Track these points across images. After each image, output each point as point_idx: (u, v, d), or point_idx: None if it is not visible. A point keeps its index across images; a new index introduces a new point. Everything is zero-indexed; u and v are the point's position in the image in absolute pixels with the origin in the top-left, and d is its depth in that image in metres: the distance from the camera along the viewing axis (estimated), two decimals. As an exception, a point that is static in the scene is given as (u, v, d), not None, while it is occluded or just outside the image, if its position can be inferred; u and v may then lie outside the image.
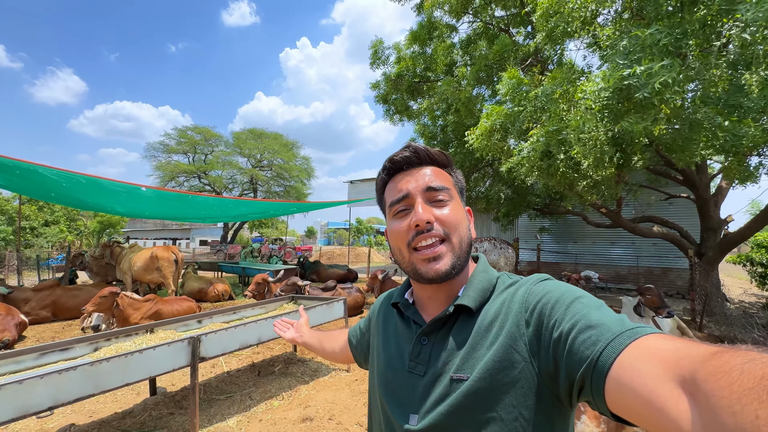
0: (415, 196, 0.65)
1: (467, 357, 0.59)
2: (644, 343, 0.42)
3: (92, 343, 3.05)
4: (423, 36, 7.87)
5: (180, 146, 26.51)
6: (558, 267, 12.02)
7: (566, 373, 0.49)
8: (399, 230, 0.66)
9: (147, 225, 54.26)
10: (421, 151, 0.68)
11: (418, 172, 0.68)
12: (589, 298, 0.54)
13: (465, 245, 0.65)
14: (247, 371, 4.06)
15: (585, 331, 0.47)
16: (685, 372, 0.35)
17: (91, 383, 2.25)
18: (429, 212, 0.63)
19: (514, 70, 4.43)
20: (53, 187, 6.58)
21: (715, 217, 7.56)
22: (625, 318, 0.48)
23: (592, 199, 5.39)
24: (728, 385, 0.30)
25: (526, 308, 0.58)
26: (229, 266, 10.80)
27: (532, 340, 0.55)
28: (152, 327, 3.46)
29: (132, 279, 7.40)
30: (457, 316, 0.64)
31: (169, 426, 2.88)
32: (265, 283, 6.41)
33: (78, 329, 6.05)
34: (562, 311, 0.52)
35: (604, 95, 2.91)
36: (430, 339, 0.64)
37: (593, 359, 0.44)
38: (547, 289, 0.58)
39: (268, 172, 28.27)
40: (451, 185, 0.69)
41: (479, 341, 0.59)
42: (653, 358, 0.39)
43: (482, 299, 0.63)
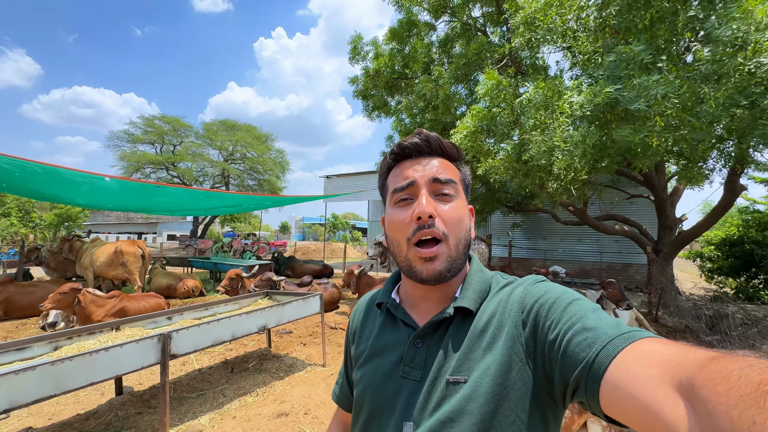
0: (421, 186, 0.63)
1: (464, 359, 0.57)
2: (641, 346, 0.42)
3: (51, 342, 2.89)
4: (402, 34, 7.89)
5: (147, 136, 25.26)
6: (528, 263, 12.47)
7: (561, 374, 0.49)
8: (400, 221, 0.63)
9: (110, 218, 51.49)
10: (433, 140, 0.66)
11: (427, 161, 0.65)
12: (585, 300, 0.54)
13: (462, 247, 0.63)
14: (219, 368, 3.98)
15: (581, 333, 0.47)
16: (682, 377, 0.35)
17: (52, 384, 2.14)
18: (432, 206, 0.61)
19: (493, 72, 4.54)
20: (4, 176, 6.13)
21: (671, 216, 8.09)
22: (621, 322, 0.48)
23: (562, 198, 5.63)
24: (726, 390, 0.29)
25: (523, 309, 0.57)
26: (200, 262, 10.46)
27: (528, 341, 0.55)
28: (118, 324, 3.31)
29: (94, 275, 7.03)
30: (453, 317, 0.62)
31: (137, 425, 2.78)
32: (239, 279, 6.28)
33: (33, 329, 5.70)
34: (558, 313, 0.52)
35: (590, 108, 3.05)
36: (425, 342, 0.62)
37: (589, 361, 0.44)
38: (544, 290, 0.58)
39: (241, 165, 27.49)
40: (458, 180, 0.67)
41: (476, 342, 0.58)
42: (650, 361, 0.39)
43: (480, 300, 0.63)
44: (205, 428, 2.83)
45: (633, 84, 2.84)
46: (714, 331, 6.20)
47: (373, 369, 0.66)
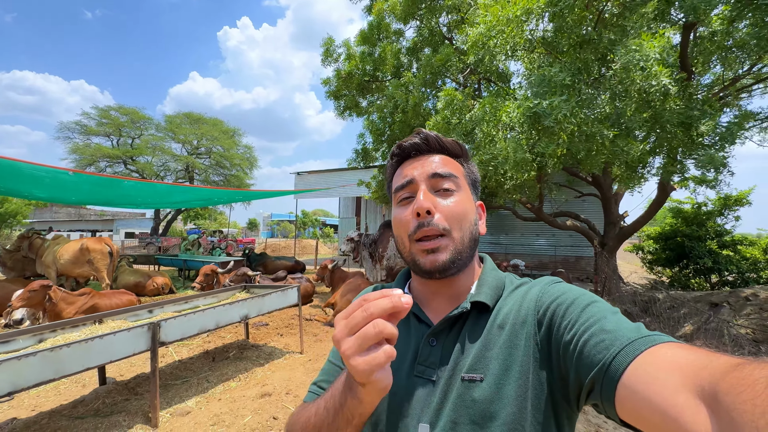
0: (419, 182, 0.63)
1: (480, 356, 0.56)
2: (661, 351, 0.41)
3: (36, 335, 2.99)
4: (372, 38, 8.20)
5: (101, 128, 23.79)
6: (492, 257, 13.20)
7: (576, 375, 0.48)
8: (402, 219, 0.64)
9: (59, 215, 47.91)
10: (432, 139, 0.66)
11: (426, 159, 0.66)
12: (603, 303, 0.53)
13: (468, 240, 0.62)
14: (201, 358, 4.16)
15: (598, 335, 0.46)
16: (704, 383, 0.34)
17: (51, 369, 2.30)
18: (430, 200, 0.61)
19: (451, 89, 4.98)
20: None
21: (615, 213, 9.01)
22: (641, 326, 0.47)
23: (518, 196, 6.20)
24: (751, 398, 0.28)
25: (539, 308, 0.57)
26: (169, 259, 10.27)
27: (543, 341, 0.54)
28: (100, 317, 3.43)
29: (57, 273, 6.83)
30: (468, 315, 0.61)
31: (127, 410, 2.96)
32: (214, 274, 6.39)
33: (-6, 328, 5.51)
34: (576, 313, 0.51)
35: (521, 120, 3.55)
36: (440, 339, 0.61)
37: (605, 364, 0.43)
38: (562, 290, 0.57)
39: (206, 160, 26.62)
40: (460, 175, 0.66)
41: (492, 340, 0.57)
42: (670, 366, 0.38)
43: (496, 297, 0.62)
44: (193, 410, 3.05)
45: (545, 103, 3.37)
46: (647, 314, 7.09)
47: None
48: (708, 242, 10.17)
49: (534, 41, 3.80)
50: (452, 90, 4.95)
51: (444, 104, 4.80)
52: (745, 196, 9.99)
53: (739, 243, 10.36)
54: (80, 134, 23.74)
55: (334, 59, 8.33)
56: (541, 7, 3.44)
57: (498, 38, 3.84)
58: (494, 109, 4.22)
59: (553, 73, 3.46)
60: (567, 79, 3.37)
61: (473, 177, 0.70)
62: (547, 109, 3.35)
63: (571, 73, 3.48)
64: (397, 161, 0.70)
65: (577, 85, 3.54)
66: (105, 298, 5.51)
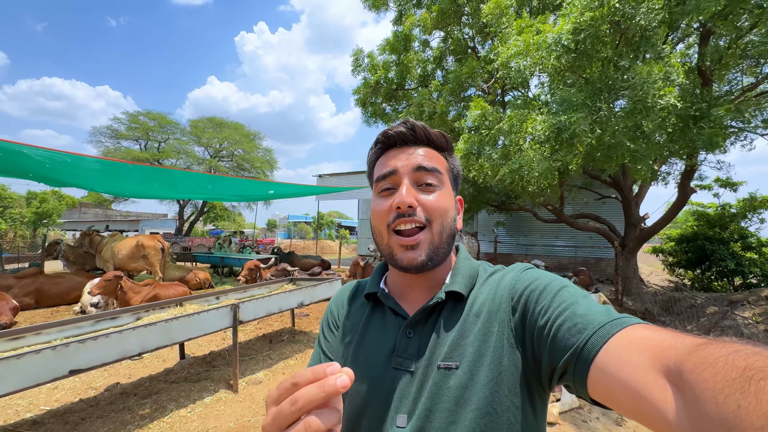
0: (402, 175, 0.62)
1: (455, 344, 0.57)
2: (631, 332, 0.42)
3: (135, 314, 3.56)
4: (399, 47, 8.68)
5: (131, 132, 25.03)
6: (511, 257, 13.51)
7: (549, 359, 0.49)
8: (380, 210, 0.63)
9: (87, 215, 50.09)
10: (419, 129, 0.65)
11: (411, 150, 0.64)
12: (575, 287, 0.54)
13: (446, 236, 0.62)
14: (259, 340, 4.69)
15: (571, 319, 0.47)
16: (670, 362, 0.35)
17: (166, 336, 2.84)
18: (413, 195, 0.60)
19: (481, 100, 5.40)
20: (35, 167, 6.55)
21: (636, 215, 9.20)
22: (611, 308, 0.48)
23: (540, 199, 6.55)
24: (712, 376, 0.30)
25: (513, 295, 0.57)
26: (206, 256, 10.98)
27: (518, 326, 0.55)
28: (181, 301, 3.99)
29: (114, 267, 7.53)
30: (444, 304, 0.62)
31: (210, 377, 3.49)
32: (257, 269, 6.94)
33: (68, 315, 6.21)
34: (549, 298, 0.52)
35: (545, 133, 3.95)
36: (417, 330, 0.61)
37: (579, 347, 0.44)
38: (534, 276, 0.58)
39: (228, 163, 27.56)
40: (444, 170, 0.66)
41: (468, 328, 0.58)
42: (640, 347, 0.39)
43: (470, 285, 0.63)
44: (263, 380, 3.56)
45: (563, 118, 3.77)
46: (668, 312, 7.30)
47: (363, 361, 0.64)
48: (732, 245, 10.16)
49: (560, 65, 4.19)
50: (482, 101, 5.36)
51: (476, 117, 5.22)
52: (771, 199, 9.96)
53: (765, 245, 10.31)
54: (110, 138, 25.03)
55: (363, 69, 8.83)
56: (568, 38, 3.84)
57: (528, 60, 4.26)
58: (521, 121, 4.62)
59: (572, 93, 3.86)
60: (586, 99, 3.76)
61: (455, 171, 0.70)
62: (566, 124, 3.75)
63: (590, 93, 3.87)
64: (380, 148, 0.68)
65: (597, 104, 3.93)
66: (164, 289, 6.13)
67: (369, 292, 0.70)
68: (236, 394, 3.26)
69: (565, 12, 4.10)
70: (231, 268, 11.32)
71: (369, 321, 0.68)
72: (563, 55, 3.93)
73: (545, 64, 4.13)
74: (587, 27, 3.91)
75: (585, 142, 3.71)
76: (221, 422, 2.78)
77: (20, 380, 2.09)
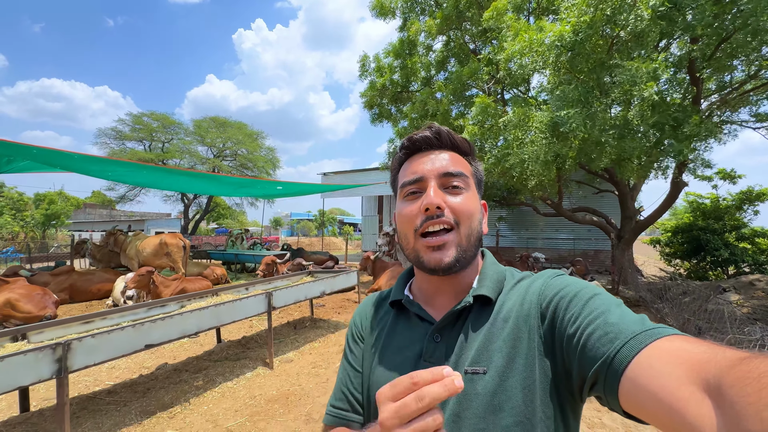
0: (429, 179, 0.62)
1: (483, 349, 0.56)
2: (665, 344, 0.41)
3: (179, 302, 4.02)
4: (403, 52, 9.09)
5: (135, 133, 25.43)
6: (513, 251, 13.95)
7: (579, 368, 0.48)
8: (408, 213, 0.63)
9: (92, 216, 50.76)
10: (444, 134, 0.65)
11: (436, 155, 0.65)
12: (607, 295, 0.53)
13: (474, 239, 0.62)
14: (284, 327, 5.16)
15: (602, 327, 0.46)
16: (709, 376, 0.34)
17: (216, 319, 3.31)
18: (441, 197, 0.60)
19: (483, 97, 5.82)
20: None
21: (631, 208, 9.61)
22: (645, 318, 0.47)
23: (540, 193, 6.98)
24: (757, 391, 0.28)
25: (542, 301, 0.57)
26: (220, 253, 11.47)
27: (547, 334, 0.54)
28: (216, 291, 4.45)
29: (139, 264, 8.00)
30: (470, 309, 0.61)
31: (248, 357, 3.96)
32: (274, 264, 7.41)
33: (101, 308, 6.70)
34: (579, 306, 0.51)
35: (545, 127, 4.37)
36: (444, 335, 0.61)
37: (609, 356, 0.43)
38: (565, 283, 0.57)
39: (231, 162, 27.95)
40: (469, 174, 0.66)
41: (496, 333, 0.57)
42: (675, 359, 0.38)
43: (498, 290, 0.62)
44: (293, 359, 4.03)
45: (563, 113, 4.21)
46: (661, 300, 7.73)
47: (390, 368, 0.63)
48: (726, 235, 10.54)
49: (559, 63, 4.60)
50: (485, 98, 5.78)
51: (478, 110, 5.65)
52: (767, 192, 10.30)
53: (758, 236, 10.68)
54: (115, 139, 25.44)
55: (369, 73, 9.24)
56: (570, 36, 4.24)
57: (529, 57, 4.68)
58: (525, 117, 5.04)
59: (569, 90, 4.30)
60: (580, 96, 4.19)
61: (479, 176, 0.70)
62: (564, 118, 4.18)
63: (585, 90, 4.29)
64: (405, 154, 0.68)
65: (590, 100, 4.35)
66: (190, 283, 6.60)
67: (394, 299, 0.70)
68: (272, 371, 3.73)
69: (562, 16, 4.51)
70: (243, 264, 11.80)
71: (394, 328, 0.68)
72: (562, 54, 4.33)
73: (546, 62, 4.55)
74: (584, 29, 4.31)
75: (579, 136, 4.14)
76: (264, 391, 3.25)
77: (110, 352, 2.56)
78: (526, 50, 4.85)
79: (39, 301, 5.65)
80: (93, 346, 2.45)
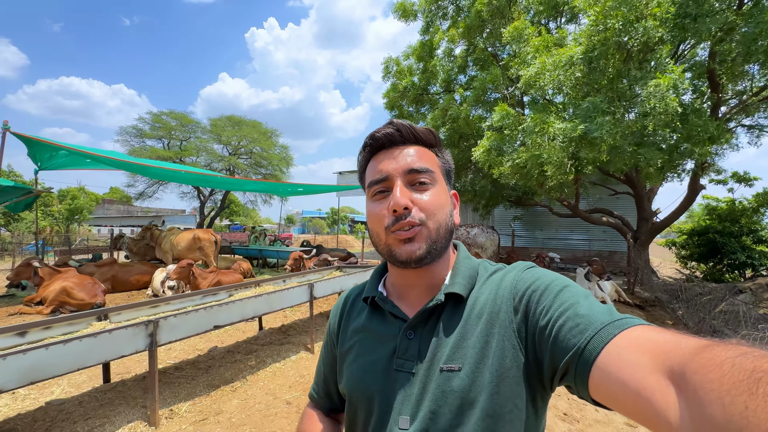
0: (395, 178, 0.62)
1: (457, 346, 0.57)
2: (633, 333, 0.42)
3: (228, 291, 4.41)
4: (425, 55, 9.38)
5: (154, 131, 26.21)
6: (527, 251, 14.12)
7: (550, 359, 0.50)
8: (377, 213, 0.63)
9: (110, 212, 52.31)
10: (405, 129, 0.65)
11: (400, 151, 0.64)
12: (576, 287, 0.55)
13: (443, 231, 0.62)
14: (317, 317, 5.52)
15: (573, 319, 0.48)
16: (674, 364, 0.35)
17: (267, 306, 3.68)
18: (407, 196, 0.61)
19: (504, 105, 6.10)
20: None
21: (648, 210, 9.75)
22: (613, 308, 0.49)
23: (557, 194, 7.22)
24: (718, 377, 0.29)
25: (515, 295, 0.58)
26: (244, 249, 11.94)
27: (520, 326, 0.55)
28: (258, 282, 4.83)
29: (173, 257, 8.48)
30: (444, 305, 0.62)
31: (290, 342, 4.33)
32: (301, 259, 7.79)
33: (142, 297, 7.18)
34: (551, 298, 0.53)
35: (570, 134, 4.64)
36: (417, 332, 0.62)
37: (580, 347, 0.45)
38: (536, 276, 0.59)
39: (246, 160, 28.52)
40: (436, 167, 0.66)
41: (469, 330, 0.58)
42: (642, 349, 0.39)
43: (470, 286, 0.63)
44: (331, 346, 4.39)
45: (595, 122, 4.45)
46: (677, 300, 7.89)
47: (365, 365, 0.65)
48: (743, 238, 10.56)
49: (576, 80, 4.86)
50: (505, 106, 6.07)
51: (499, 117, 5.94)
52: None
53: (775, 239, 10.67)
54: (135, 137, 26.27)
55: (393, 75, 9.57)
56: (579, 57, 4.50)
57: (547, 77, 4.96)
58: (543, 123, 5.31)
59: (598, 101, 4.55)
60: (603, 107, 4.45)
61: (447, 166, 0.70)
62: (594, 126, 4.45)
63: (609, 100, 4.54)
64: (369, 152, 0.68)
65: (615, 109, 4.60)
66: (225, 276, 7.03)
67: (367, 296, 0.71)
68: (313, 354, 4.08)
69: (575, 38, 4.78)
70: (265, 260, 12.26)
71: (369, 324, 0.69)
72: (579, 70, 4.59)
73: (563, 80, 4.82)
74: (599, 47, 4.56)
75: (608, 141, 4.42)
76: (311, 371, 3.60)
77: (187, 330, 2.94)
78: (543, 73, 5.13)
79: (90, 290, 6.13)
80: (175, 325, 2.83)
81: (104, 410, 2.82)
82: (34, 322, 2.73)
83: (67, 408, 2.86)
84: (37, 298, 6.08)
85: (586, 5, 4.69)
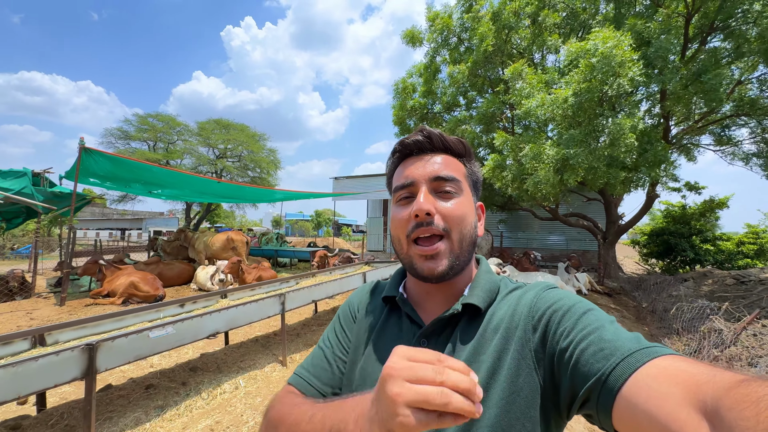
0: (420, 184, 0.63)
1: (471, 360, 0.57)
2: (663, 362, 0.41)
3: (283, 282, 5.55)
4: (428, 77, 10.76)
5: (140, 134, 26.18)
6: (511, 250, 15.77)
7: (570, 384, 0.48)
8: (399, 219, 0.64)
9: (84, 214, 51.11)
10: (435, 137, 0.65)
11: (428, 158, 0.65)
12: (600, 311, 0.53)
13: (467, 244, 0.63)
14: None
15: (597, 344, 0.46)
16: (707, 398, 0.34)
17: (323, 293, 4.85)
18: (431, 203, 0.61)
19: (502, 132, 7.56)
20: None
21: (615, 214, 11.49)
22: (640, 336, 0.46)
23: (544, 203, 8.74)
24: (755, 415, 0.28)
25: (534, 314, 0.57)
26: (259, 250, 12.94)
27: (537, 347, 0.54)
28: (314, 273, 6.01)
29: (206, 257, 9.46)
30: (460, 317, 0.62)
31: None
32: (326, 257, 8.98)
33: (189, 292, 8.16)
34: (572, 321, 0.51)
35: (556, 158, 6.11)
36: (431, 341, 0.62)
37: (605, 373, 0.43)
38: (558, 296, 0.57)
39: (235, 163, 28.86)
40: (462, 177, 0.66)
41: (485, 344, 0.58)
42: (673, 379, 0.38)
43: (489, 300, 0.63)
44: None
45: (573, 151, 5.96)
46: (638, 289, 9.57)
47: (378, 361, 0.64)
48: (693, 238, 12.46)
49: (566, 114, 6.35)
50: (503, 133, 7.53)
51: (500, 142, 7.40)
52: (726, 201, 12.28)
53: (719, 239, 12.61)
54: (120, 139, 26.27)
55: (399, 93, 10.92)
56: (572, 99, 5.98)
57: (541, 111, 6.45)
58: (538, 152, 6.77)
59: (575, 134, 6.07)
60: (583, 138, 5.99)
61: (475, 177, 0.70)
62: (572, 155, 5.94)
63: (585, 133, 6.07)
64: (398, 158, 0.69)
65: (588, 141, 6.11)
66: (264, 272, 8.14)
67: (387, 295, 0.71)
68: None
69: (567, 81, 6.28)
70: (276, 260, 13.30)
71: (385, 323, 0.69)
72: (569, 108, 6.06)
73: (555, 113, 6.30)
74: (583, 92, 6.06)
75: (583, 167, 5.87)
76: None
77: (253, 316, 3.71)
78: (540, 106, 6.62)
79: (152, 284, 7.12)
80: (246, 312, 3.71)
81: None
82: (124, 310, 3.13)
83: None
84: (103, 292, 7.01)
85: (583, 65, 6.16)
